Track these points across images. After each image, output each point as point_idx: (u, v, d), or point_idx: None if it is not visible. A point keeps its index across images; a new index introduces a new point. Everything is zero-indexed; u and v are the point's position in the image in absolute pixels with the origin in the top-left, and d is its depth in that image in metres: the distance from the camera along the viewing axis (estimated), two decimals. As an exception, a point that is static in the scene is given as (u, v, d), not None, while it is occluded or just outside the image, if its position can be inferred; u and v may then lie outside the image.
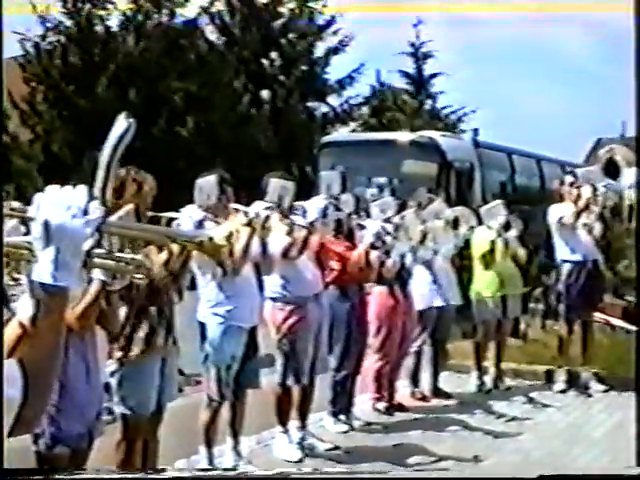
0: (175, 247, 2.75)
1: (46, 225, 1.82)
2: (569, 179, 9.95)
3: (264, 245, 5.95)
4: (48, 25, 23.47)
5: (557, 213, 9.75)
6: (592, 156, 43.13)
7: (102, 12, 23.38)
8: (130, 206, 3.83)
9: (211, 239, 1.89)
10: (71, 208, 1.84)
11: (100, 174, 1.92)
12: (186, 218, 5.62)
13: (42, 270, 1.83)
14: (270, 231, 5.87)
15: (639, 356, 6.56)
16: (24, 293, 2.08)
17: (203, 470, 5.97)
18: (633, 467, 3.13)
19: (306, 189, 10.14)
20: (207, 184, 6.05)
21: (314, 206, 7.31)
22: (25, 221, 2.18)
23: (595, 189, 9.48)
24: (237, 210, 6.35)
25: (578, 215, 9.51)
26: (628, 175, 9.88)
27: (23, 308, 2.04)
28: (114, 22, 23.42)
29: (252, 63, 25.31)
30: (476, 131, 29.36)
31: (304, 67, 26.36)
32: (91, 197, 1.85)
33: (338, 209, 7.61)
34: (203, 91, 22.61)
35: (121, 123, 1.95)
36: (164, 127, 21.46)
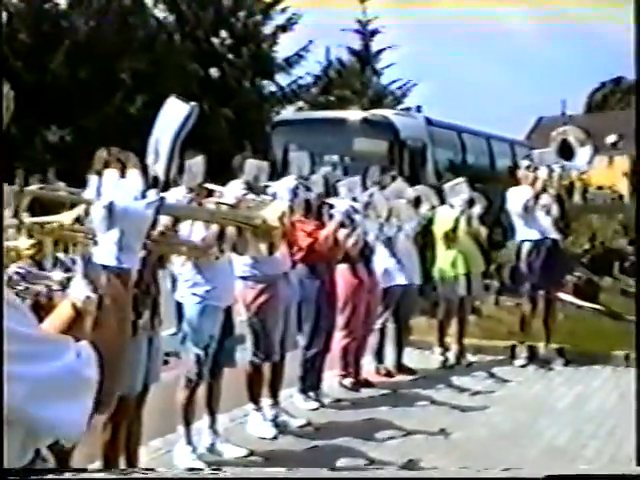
0: (215, 226, 2.77)
1: (110, 208, 1.85)
2: (525, 163, 10.16)
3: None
4: (-7, 1, 23.10)
5: (516, 197, 9.94)
6: (534, 133, 43.72)
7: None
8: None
9: (264, 221, 1.93)
10: (132, 191, 1.88)
11: (163, 158, 1.96)
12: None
13: (105, 253, 1.86)
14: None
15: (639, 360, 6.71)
16: (76, 274, 2.11)
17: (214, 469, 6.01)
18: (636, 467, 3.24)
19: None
20: (195, 165, 6.00)
21: (284, 186, 7.37)
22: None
23: (551, 170, 9.68)
24: (210, 190, 6.38)
25: (536, 198, 9.70)
26: (581, 155, 10.11)
27: (76, 289, 2.08)
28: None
29: (202, 42, 25.15)
30: (419, 108, 29.61)
31: (252, 45, 26.27)
32: (148, 180, 1.89)
33: (308, 189, 7.66)
34: (152, 69, 22.44)
35: (180, 107, 1.98)
36: (117, 105, 21.28)
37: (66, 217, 2.23)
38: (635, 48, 2.80)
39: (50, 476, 1.69)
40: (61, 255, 2.25)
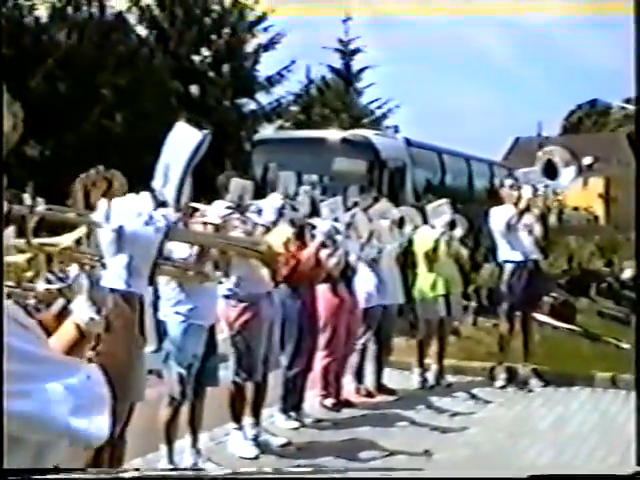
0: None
1: (119, 232, 1.86)
2: (509, 182, 10.21)
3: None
4: (-27, 15, 23.04)
5: (498, 215, 9.98)
6: (511, 154, 43.98)
7: (30, 2, 23.03)
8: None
9: (270, 247, 1.95)
10: (142, 215, 1.89)
11: (174, 184, 1.98)
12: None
13: (114, 276, 1.87)
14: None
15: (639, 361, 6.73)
16: (79, 295, 2.13)
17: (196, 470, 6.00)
18: (630, 467, 3.25)
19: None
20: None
21: (270, 205, 7.39)
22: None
23: (535, 190, 9.73)
24: (195, 209, 6.39)
25: (520, 216, 9.74)
26: (565, 175, 10.19)
27: (80, 311, 2.09)
28: (43, 13, 23.07)
29: (183, 59, 25.18)
30: (396, 128, 29.70)
31: (234, 64, 26.31)
32: (157, 204, 1.90)
33: (294, 209, 7.69)
34: (133, 86, 22.43)
35: (192, 133, 2.00)
36: (95, 121, 21.24)
37: (67, 239, 2.25)
38: (635, 52, 2.84)
39: (50, 476, 1.71)
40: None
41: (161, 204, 1.93)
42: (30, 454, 1.71)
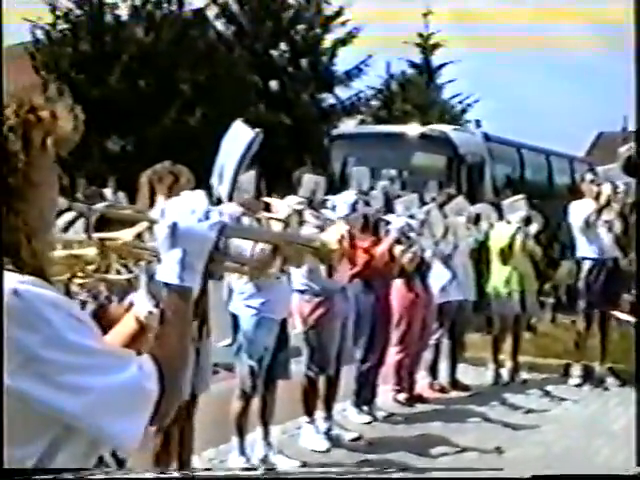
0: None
1: (174, 228, 1.91)
2: (589, 176, 10.06)
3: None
4: (58, 13, 23.53)
5: (578, 210, 9.84)
6: (594, 149, 43.27)
7: (111, 0, 23.46)
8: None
9: (324, 244, 1.98)
10: (196, 212, 1.94)
11: (227, 181, 2.02)
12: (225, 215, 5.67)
13: (168, 271, 1.92)
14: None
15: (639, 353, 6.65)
16: (139, 289, 2.19)
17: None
18: (633, 467, 3.21)
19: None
20: (246, 180, 6.06)
21: (344, 201, 7.43)
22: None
23: (615, 187, 9.57)
24: (268, 204, 6.46)
25: (599, 212, 9.60)
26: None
27: (140, 304, 2.15)
28: (124, 11, 23.47)
29: (261, 55, 25.36)
30: (478, 122, 29.46)
31: (311, 58, 26.41)
32: (212, 201, 1.95)
33: (367, 204, 7.72)
34: (212, 82, 22.67)
35: (246, 132, 2.04)
36: (175, 117, 21.52)
37: (127, 234, 2.31)
38: (635, 56, 2.79)
39: (50, 476, 1.74)
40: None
41: (218, 201, 1.97)
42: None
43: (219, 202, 1.82)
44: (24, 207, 1.72)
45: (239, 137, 1.93)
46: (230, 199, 1.84)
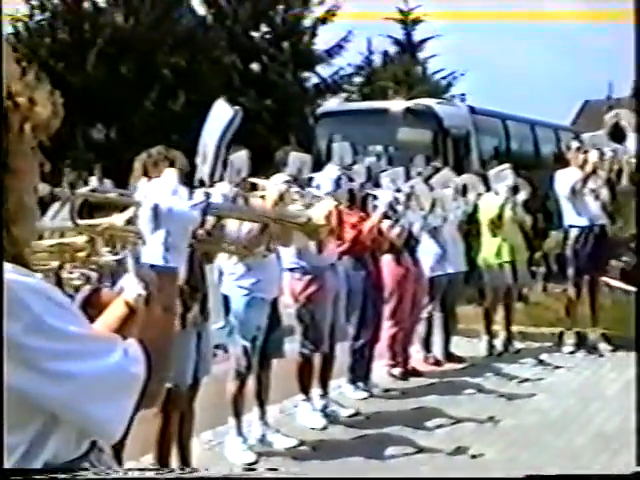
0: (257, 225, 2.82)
1: (155, 209, 1.91)
2: (575, 144, 10.05)
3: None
4: (33, 3, 23.39)
5: (564, 179, 9.85)
6: (580, 117, 43.23)
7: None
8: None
9: (310, 219, 1.98)
10: (177, 192, 1.94)
11: (209, 160, 2.02)
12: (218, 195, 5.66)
13: (152, 252, 1.92)
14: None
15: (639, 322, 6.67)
16: (127, 273, 2.19)
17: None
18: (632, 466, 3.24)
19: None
20: (238, 159, 5.98)
21: (327, 177, 7.42)
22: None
23: (602, 154, 9.58)
24: (255, 184, 6.44)
25: (585, 180, 9.61)
26: (633, 138, 10.00)
27: (128, 288, 2.15)
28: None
29: (242, 36, 25.24)
30: (463, 96, 29.40)
31: (292, 39, 26.30)
32: (194, 181, 1.94)
33: (351, 179, 7.71)
34: (193, 65, 22.58)
35: (226, 110, 2.04)
36: (156, 101, 21.44)
37: (118, 219, 2.31)
38: (635, 49, 2.81)
39: (50, 476, 1.74)
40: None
41: (200, 181, 1.96)
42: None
43: (202, 183, 1.82)
44: (2, 194, 1.70)
45: (219, 115, 1.93)
46: (212, 177, 1.83)
